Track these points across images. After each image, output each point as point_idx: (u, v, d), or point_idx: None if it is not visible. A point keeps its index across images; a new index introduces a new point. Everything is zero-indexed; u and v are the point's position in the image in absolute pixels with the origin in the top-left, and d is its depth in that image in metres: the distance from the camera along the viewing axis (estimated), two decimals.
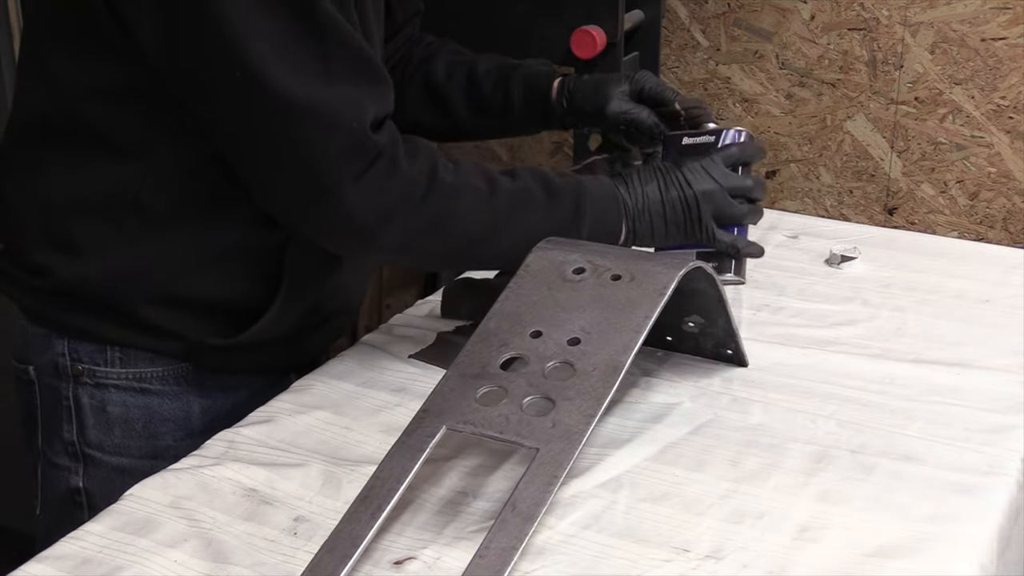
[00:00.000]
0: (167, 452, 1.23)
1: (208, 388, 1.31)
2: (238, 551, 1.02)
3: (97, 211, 1.22)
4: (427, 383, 1.17)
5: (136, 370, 1.28)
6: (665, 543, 1.01)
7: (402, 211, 1.17)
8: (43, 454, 1.33)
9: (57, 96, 1.20)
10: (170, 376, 1.29)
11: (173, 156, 1.20)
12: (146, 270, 1.23)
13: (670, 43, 2.44)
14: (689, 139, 1.35)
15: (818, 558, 0.99)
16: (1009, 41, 2.18)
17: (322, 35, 1.12)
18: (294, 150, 1.13)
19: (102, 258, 1.23)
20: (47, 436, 1.32)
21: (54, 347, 1.28)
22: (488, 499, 1.07)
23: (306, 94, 1.11)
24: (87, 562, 1.01)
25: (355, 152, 1.14)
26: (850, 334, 1.36)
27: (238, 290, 1.27)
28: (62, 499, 1.32)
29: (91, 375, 1.28)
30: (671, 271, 1.13)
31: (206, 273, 1.25)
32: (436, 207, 1.19)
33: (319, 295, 1.31)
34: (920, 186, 2.32)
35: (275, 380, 1.33)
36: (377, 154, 1.15)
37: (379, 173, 1.15)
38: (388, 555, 1.00)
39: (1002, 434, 1.16)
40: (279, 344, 1.31)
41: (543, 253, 1.18)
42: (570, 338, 1.09)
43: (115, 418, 1.29)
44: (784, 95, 2.39)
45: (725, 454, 1.13)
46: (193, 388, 1.30)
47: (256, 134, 1.14)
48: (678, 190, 1.28)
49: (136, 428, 1.29)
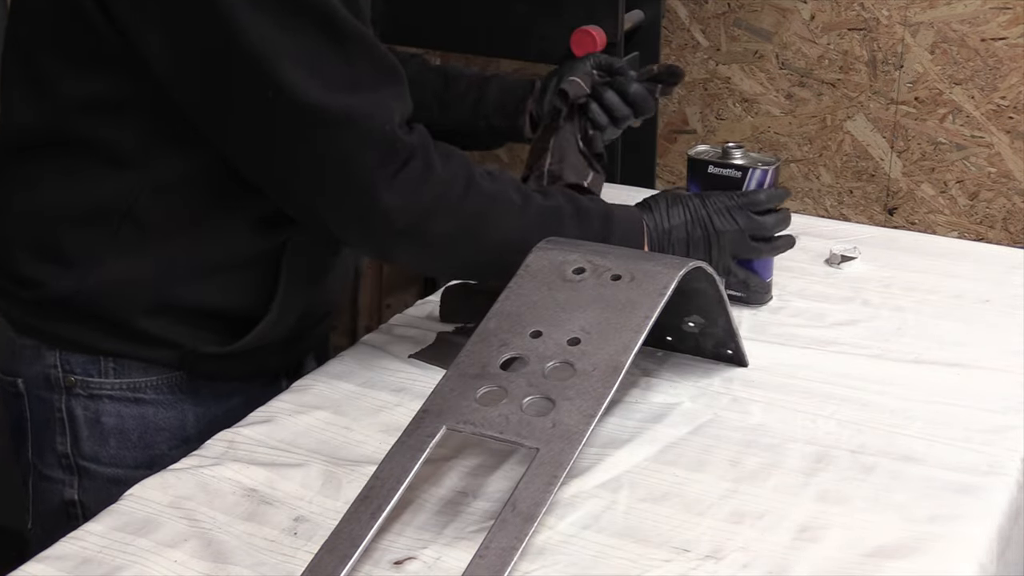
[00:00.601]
0: (162, 461, 1.22)
1: (202, 396, 1.30)
2: (238, 551, 1.02)
3: (91, 221, 1.21)
4: (427, 383, 1.17)
5: (130, 380, 1.27)
6: (665, 543, 1.01)
7: (439, 211, 1.18)
8: (34, 467, 1.31)
9: (53, 107, 1.20)
10: (164, 385, 1.28)
11: (169, 166, 1.20)
12: (140, 280, 1.23)
13: (670, 43, 2.44)
14: (715, 169, 1.39)
15: (818, 558, 0.99)
16: (1009, 41, 2.18)
17: (344, 42, 1.12)
18: (331, 159, 1.14)
19: (95, 269, 1.22)
20: (38, 448, 1.30)
21: (45, 359, 1.27)
22: (488, 499, 1.07)
23: (336, 104, 1.12)
24: (87, 562, 1.01)
25: (389, 155, 1.15)
26: (850, 334, 1.36)
27: (233, 298, 1.26)
28: (55, 512, 1.30)
29: (84, 386, 1.27)
30: (671, 271, 1.13)
31: (201, 282, 1.24)
32: (473, 211, 1.20)
33: (312, 298, 1.32)
34: (920, 186, 2.32)
35: (267, 385, 1.33)
36: (409, 155, 1.16)
37: (413, 173, 1.16)
38: (388, 555, 1.00)
39: (1002, 434, 1.16)
40: (273, 349, 1.30)
41: (543, 253, 1.18)
42: (570, 338, 1.09)
43: (110, 429, 1.28)
44: (784, 95, 2.39)
45: (725, 454, 1.13)
46: (187, 396, 1.30)
47: (286, 146, 1.14)
48: (703, 229, 1.30)
49: (131, 438, 1.29)
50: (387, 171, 1.15)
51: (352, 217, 1.18)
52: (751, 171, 1.36)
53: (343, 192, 1.16)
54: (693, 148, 1.42)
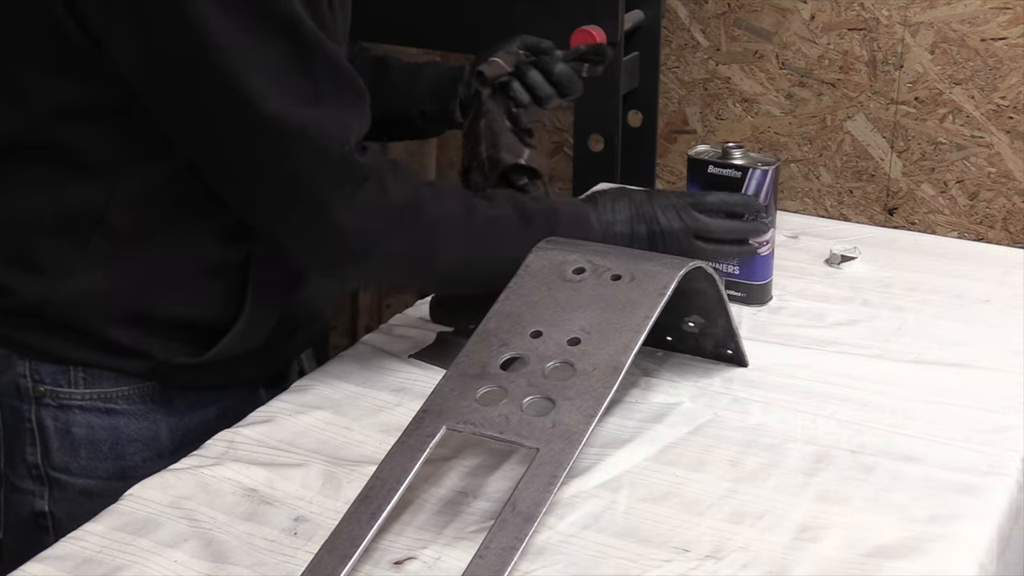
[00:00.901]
0: (135, 472, 1.20)
1: (175, 406, 1.28)
2: (238, 551, 1.02)
3: (63, 230, 1.20)
4: (427, 383, 1.17)
5: (101, 390, 1.25)
6: (665, 543, 1.01)
7: (392, 234, 1.18)
8: (5, 477, 1.29)
9: (26, 115, 1.18)
10: (136, 395, 1.26)
11: (140, 175, 1.19)
12: (111, 290, 1.21)
13: (670, 43, 2.44)
14: (715, 169, 1.38)
15: (818, 558, 0.99)
16: (1009, 41, 2.18)
17: (309, 56, 1.12)
18: (285, 173, 1.13)
19: (66, 278, 1.20)
20: (9, 458, 1.29)
21: (15, 368, 1.25)
22: (488, 499, 1.07)
23: (294, 117, 1.11)
24: (87, 562, 1.01)
25: (345, 174, 1.14)
26: (850, 334, 1.36)
27: (204, 308, 1.25)
28: (26, 523, 1.28)
29: (54, 396, 1.25)
30: (671, 271, 1.13)
31: (172, 292, 1.23)
32: (423, 232, 1.20)
33: (286, 308, 1.30)
34: (920, 186, 2.32)
35: (244, 396, 1.31)
36: (364, 177, 1.15)
37: (368, 196, 1.16)
38: (388, 555, 1.00)
39: (1002, 434, 1.16)
40: (247, 359, 1.28)
41: (543, 253, 1.18)
42: (570, 338, 1.09)
43: (80, 440, 1.26)
44: (784, 95, 2.39)
45: (725, 454, 1.13)
46: (160, 407, 1.27)
47: (245, 155, 1.14)
48: (647, 225, 1.29)
49: (103, 449, 1.26)
50: (343, 192, 1.14)
51: (305, 235, 1.18)
52: (751, 171, 1.36)
53: (296, 208, 1.15)
54: (693, 148, 1.42)
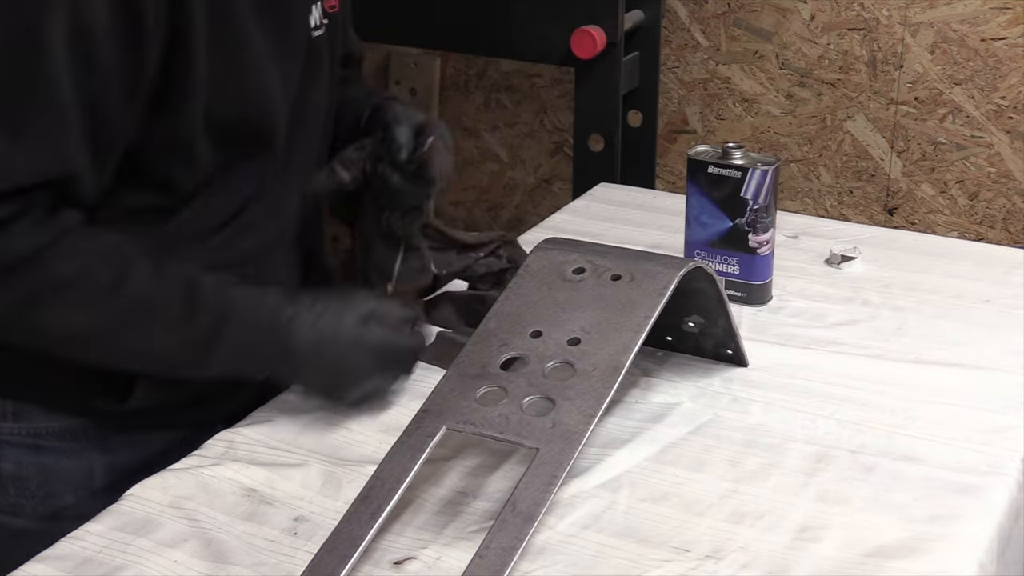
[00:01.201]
0: (67, 512, 1.15)
1: (112, 444, 1.21)
2: (238, 551, 1.02)
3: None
4: (427, 383, 1.17)
5: (31, 425, 1.19)
6: (665, 543, 1.01)
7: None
8: None
9: None
10: (67, 432, 1.19)
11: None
12: None
13: (670, 43, 2.44)
14: (715, 169, 1.39)
15: (818, 558, 0.99)
16: (1009, 41, 2.18)
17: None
18: None
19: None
20: None
21: None
22: (488, 499, 1.07)
23: None
24: (87, 562, 1.01)
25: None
26: (850, 334, 1.36)
27: None
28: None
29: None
30: (671, 271, 1.13)
31: None
32: (22, 292, 1.06)
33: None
34: (920, 186, 2.32)
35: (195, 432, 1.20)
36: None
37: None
38: (388, 555, 1.00)
39: (1002, 434, 1.16)
40: (176, 409, 1.21)
41: (543, 253, 1.18)
42: (570, 338, 1.09)
43: (8, 476, 1.19)
44: (784, 95, 2.39)
45: (725, 454, 1.14)
46: (94, 445, 1.20)
47: None
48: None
49: (30, 487, 1.20)
50: None
51: None
52: (751, 171, 1.37)
53: None
54: (693, 148, 1.42)
